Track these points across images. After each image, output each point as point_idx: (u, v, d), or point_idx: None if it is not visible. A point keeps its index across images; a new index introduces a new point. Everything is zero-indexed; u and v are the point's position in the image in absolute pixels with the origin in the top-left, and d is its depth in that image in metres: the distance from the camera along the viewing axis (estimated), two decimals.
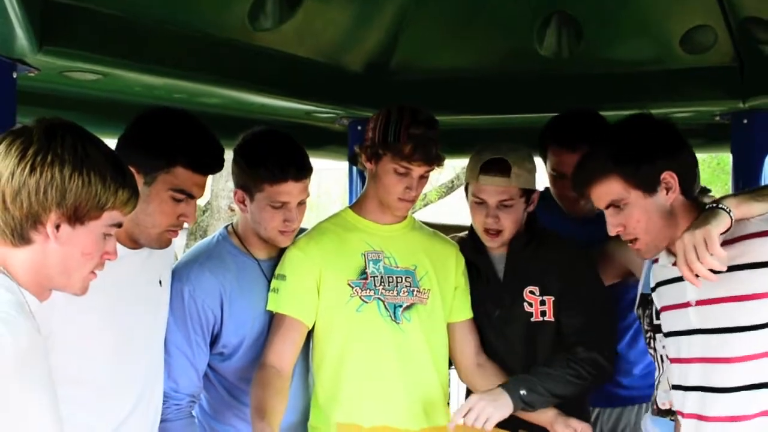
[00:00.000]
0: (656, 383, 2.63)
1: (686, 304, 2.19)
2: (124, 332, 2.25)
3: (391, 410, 2.58)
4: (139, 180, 2.16)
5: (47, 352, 1.58)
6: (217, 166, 2.33)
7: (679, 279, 2.19)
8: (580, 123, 2.86)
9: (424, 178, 2.57)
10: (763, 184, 3.33)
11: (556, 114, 3.05)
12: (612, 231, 2.21)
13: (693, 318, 2.18)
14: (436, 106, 2.79)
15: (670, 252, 2.21)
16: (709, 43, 3.26)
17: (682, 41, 3.28)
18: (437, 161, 2.56)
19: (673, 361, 2.29)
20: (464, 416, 2.39)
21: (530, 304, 2.66)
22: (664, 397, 2.57)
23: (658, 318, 2.57)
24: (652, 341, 2.61)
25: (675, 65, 3.35)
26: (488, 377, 2.62)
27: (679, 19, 3.29)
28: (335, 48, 3.31)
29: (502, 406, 2.43)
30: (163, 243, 2.30)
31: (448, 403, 2.76)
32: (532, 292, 2.67)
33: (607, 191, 2.17)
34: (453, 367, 2.79)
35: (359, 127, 3.18)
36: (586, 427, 2.45)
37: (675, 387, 2.29)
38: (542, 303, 2.66)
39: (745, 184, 3.38)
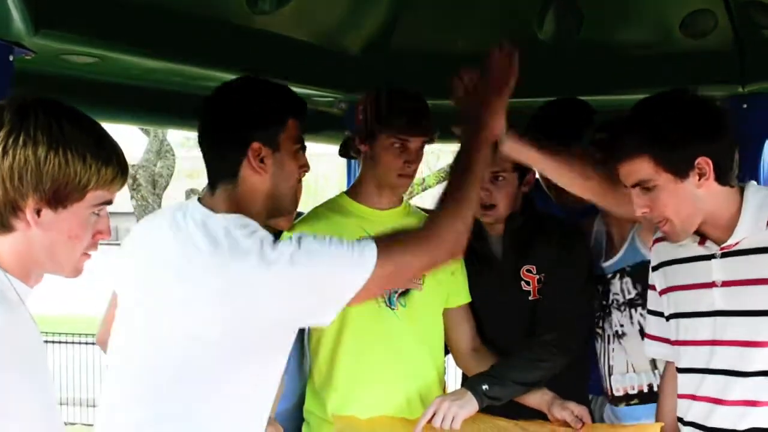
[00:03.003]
0: (605, 369, 2.62)
1: (711, 284, 2.15)
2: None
3: (386, 396, 2.58)
4: (268, 153, 1.99)
5: (38, 341, 1.52)
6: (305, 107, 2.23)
7: (701, 258, 2.17)
8: (558, 112, 2.88)
9: (420, 151, 2.58)
10: (762, 169, 3.34)
11: (554, 98, 3.04)
12: (638, 212, 2.13)
13: (718, 299, 2.14)
14: (435, 90, 2.77)
15: (695, 232, 2.17)
16: (709, 27, 3.25)
17: (682, 25, 3.28)
18: (432, 132, 2.57)
19: (681, 343, 2.26)
20: (430, 419, 2.37)
21: (528, 283, 2.66)
22: (620, 382, 2.58)
23: (606, 299, 2.57)
24: (601, 321, 2.62)
25: (675, 50, 3.34)
26: (484, 362, 2.61)
27: (679, 4, 3.28)
28: (334, 31, 3.30)
29: (467, 404, 2.41)
30: (298, 198, 2.17)
31: (445, 390, 2.76)
32: (529, 271, 2.67)
33: (636, 170, 2.08)
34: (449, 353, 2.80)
35: None
36: (583, 410, 2.45)
37: (684, 370, 2.26)
38: (539, 281, 2.66)
39: (744, 168, 3.37)
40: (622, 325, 2.56)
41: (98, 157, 1.55)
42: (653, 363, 2.54)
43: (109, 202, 1.61)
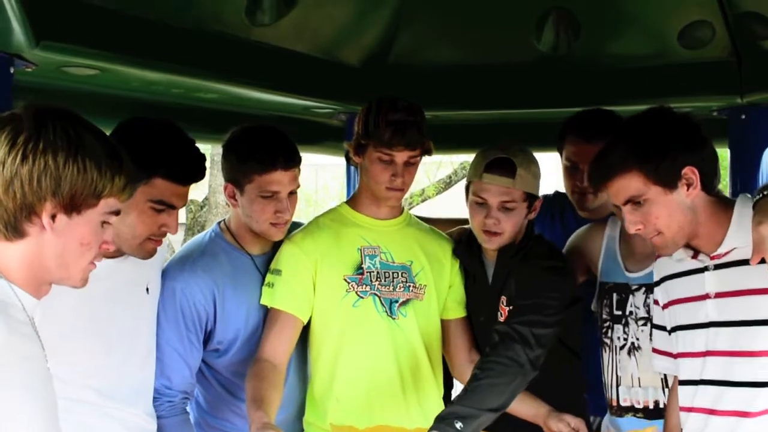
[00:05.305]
0: (612, 379, 2.61)
1: (705, 297, 2.17)
2: (110, 343, 2.25)
3: (386, 406, 2.58)
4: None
5: (40, 354, 1.50)
6: (197, 176, 2.31)
7: (695, 271, 2.18)
8: (602, 119, 2.89)
9: (410, 165, 2.55)
10: (760, 179, 3.34)
11: (553, 109, 3.05)
12: (631, 229, 2.15)
13: (711, 310, 2.16)
14: (434, 102, 2.79)
15: (688, 246, 2.18)
16: (706, 38, 3.26)
17: (679, 36, 3.28)
18: (420, 145, 2.53)
19: (680, 355, 2.27)
20: None
21: (500, 314, 2.63)
22: (627, 393, 2.57)
23: (618, 309, 2.56)
24: (609, 331, 2.61)
25: (673, 60, 3.35)
26: None
27: (677, 14, 3.29)
28: (333, 43, 3.31)
29: None
30: (146, 252, 2.27)
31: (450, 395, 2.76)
32: (502, 302, 2.63)
33: (626, 187, 2.10)
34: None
35: None
36: (579, 422, 2.43)
37: (682, 382, 2.26)
38: (509, 313, 2.60)
39: (742, 180, 3.38)
40: (637, 339, 2.53)
41: (112, 166, 1.58)
42: (664, 380, 2.50)
43: (118, 212, 1.64)
